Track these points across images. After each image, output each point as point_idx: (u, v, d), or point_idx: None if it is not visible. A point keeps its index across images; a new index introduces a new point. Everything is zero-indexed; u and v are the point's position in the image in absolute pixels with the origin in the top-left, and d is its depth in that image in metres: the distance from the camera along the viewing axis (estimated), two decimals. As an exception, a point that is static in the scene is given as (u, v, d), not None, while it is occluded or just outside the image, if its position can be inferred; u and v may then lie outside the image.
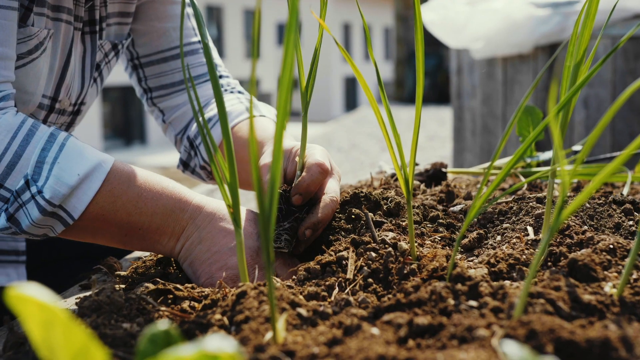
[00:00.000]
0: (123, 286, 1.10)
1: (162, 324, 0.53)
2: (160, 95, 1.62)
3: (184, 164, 1.62)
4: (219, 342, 0.47)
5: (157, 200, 1.13)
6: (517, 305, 0.74)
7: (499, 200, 1.29)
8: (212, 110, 1.53)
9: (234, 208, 0.89)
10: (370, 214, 1.17)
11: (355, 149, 7.07)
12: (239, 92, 1.64)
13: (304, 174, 1.15)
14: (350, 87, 35.33)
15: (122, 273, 1.16)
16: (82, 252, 1.55)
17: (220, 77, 1.63)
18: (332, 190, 1.18)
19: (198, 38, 1.59)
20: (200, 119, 1.27)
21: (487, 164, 1.71)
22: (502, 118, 3.35)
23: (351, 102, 34.51)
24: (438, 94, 23.13)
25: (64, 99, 1.38)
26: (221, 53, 25.63)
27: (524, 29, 3.14)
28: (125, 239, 1.14)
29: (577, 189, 1.47)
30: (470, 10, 3.27)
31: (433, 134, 6.90)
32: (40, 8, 1.24)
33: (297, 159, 1.19)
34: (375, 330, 0.73)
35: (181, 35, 0.95)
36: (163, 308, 0.90)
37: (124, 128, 21.64)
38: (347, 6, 33.76)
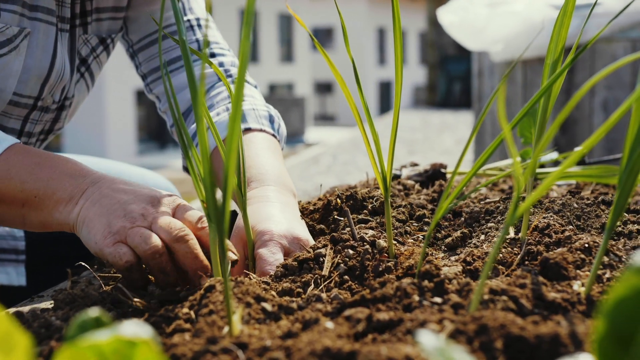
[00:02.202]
0: (108, 282, 1.11)
1: (93, 311, 0.54)
2: (153, 80, 1.58)
3: (185, 169, 1.61)
4: (134, 328, 0.48)
5: (55, 168, 1.09)
6: (472, 301, 0.74)
7: (488, 200, 1.29)
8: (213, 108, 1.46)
9: (208, 203, 0.89)
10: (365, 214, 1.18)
11: (382, 153, 7.03)
12: (233, 81, 1.51)
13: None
14: (385, 92, 35.29)
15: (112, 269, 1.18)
16: (83, 252, 1.56)
17: (214, 55, 1.55)
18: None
19: (188, 17, 1.54)
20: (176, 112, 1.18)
21: (491, 165, 1.71)
22: (521, 121, 3.33)
23: (385, 106, 34.46)
24: (470, 99, 22.99)
25: (47, 97, 1.39)
26: (255, 57, 25.73)
27: (543, 32, 3.12)
28: (23, 211, 1.08)
29: (577, 188, 1.46)
30: (490, 12, 3.25)
31: (461, 137, 6.86)
32: (10, 5, 1.24)
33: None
34: (329, 325, 0.74)
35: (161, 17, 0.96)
36: (137, 300, 0.92)
37: (159, 131, 21.81)
38: (382, 11, 33.74)
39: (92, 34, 1.47)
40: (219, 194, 0.72)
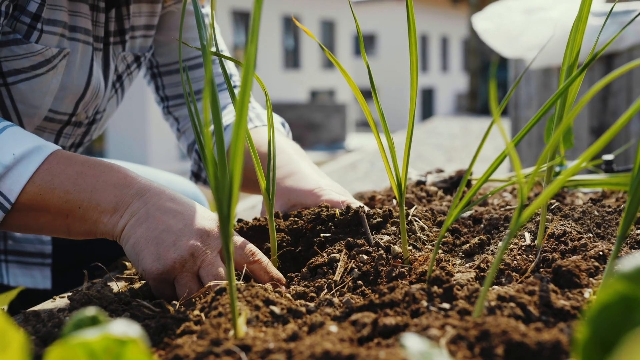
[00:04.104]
0: (126, 284, 1.13)
1: (90, 310, 0.55)
2: (176, 105, 1.66)
3: (195, 175, 1.67)
4: (124, 327, 0.49)
5: (98, 177, 1.07)
6: (476, 307, 0.74)
7: (509, 207, 1.28)
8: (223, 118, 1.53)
9: (217, 208, 0.90)
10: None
11: (420, 160, 7.02)
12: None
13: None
14: (427, 98, 35.19)
15: (132, 271, 1.20)
16: (109, 256, 1.57)
17: (235, 87, 1.64)
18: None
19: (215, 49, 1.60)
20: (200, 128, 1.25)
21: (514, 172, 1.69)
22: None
23: (427, 112, 34.35)
24: (512, 106, 22.80)
25: (81, 113, 1.42)
26: (297, 63, 25.82)
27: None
28: (68, 221, 1.07)
29: (603, 196, 1.45)
30: (526, 19, 3.23)
31: (501, 145, 6.82)
32: (52, 27, 1.26)
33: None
34: (333, 328, 0.74)
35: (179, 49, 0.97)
36: (149, 303, 0.93)
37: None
38: (424, 17, 33.66)
39: (128, 52, 1.50)
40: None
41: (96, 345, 0.49)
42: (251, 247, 1.04)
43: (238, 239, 1.05)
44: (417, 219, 1.17)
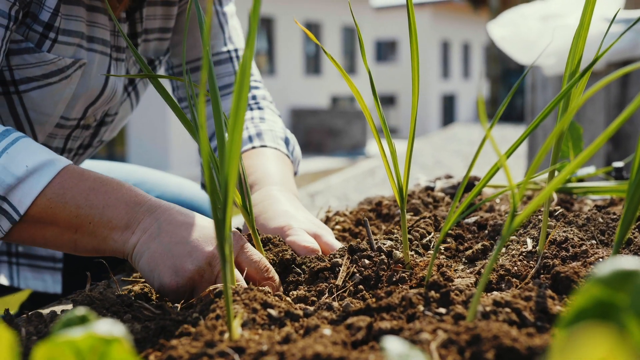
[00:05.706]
0: (130, 287, 1.14)
1: (79, 310, 0.56)
2: (187, 106, 1.63)
3: (204, 186, 1.66)
4: (108, 326, 0.50)
5: (110, 194, 1.06)
6: (469, 312, 0.75)
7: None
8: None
9: (213, 212, 0.91)
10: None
11: (438, 166, 6.98)
12: (259, 107, 1.60)
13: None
14: (448, 105, 35.08)
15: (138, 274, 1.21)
16: (119, 260, 1.57)
17: (249, 88, 1.59)
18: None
19: (228, 48, 1.59)
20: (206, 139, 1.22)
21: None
22: (573, 135, 3.28)
23: (448, 119, 34.24)
24: (533, 113, 22.78)
25: (90, 117, 1.43)
26: (319, 69, 25.83)
27: (596, 46, 3.08)
28: (76, 236, 1.06)
29: (611, 203, 1.45)
30: (543, 26, 3.22)
31: (519, 152, 6.76)
32: (67, 37, 1.27)
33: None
34: (327, 331, 0.75)
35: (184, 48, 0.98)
36: (150, 305, 0.94)
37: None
38: (446, 24, 33.60)
39: (141, 55, 1.50)
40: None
41: (82, 344, 0.50)
42: (266, 262, 1.03)
43: (254, 252, 1.04)
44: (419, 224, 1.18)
